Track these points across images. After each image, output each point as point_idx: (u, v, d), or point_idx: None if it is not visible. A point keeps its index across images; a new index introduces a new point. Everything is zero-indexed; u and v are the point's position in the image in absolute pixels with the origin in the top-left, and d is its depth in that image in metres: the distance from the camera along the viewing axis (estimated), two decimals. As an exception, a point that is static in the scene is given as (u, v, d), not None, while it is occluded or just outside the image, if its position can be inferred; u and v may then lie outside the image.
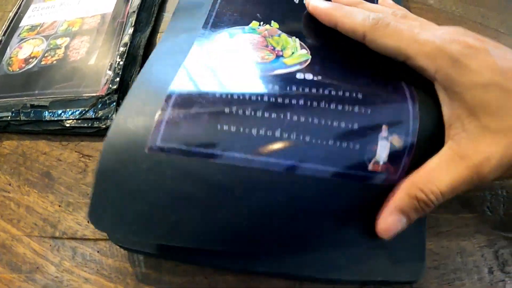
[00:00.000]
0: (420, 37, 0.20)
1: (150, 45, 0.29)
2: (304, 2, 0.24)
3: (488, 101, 0.18)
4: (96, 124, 0.25)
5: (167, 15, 0.32)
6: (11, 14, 0.33)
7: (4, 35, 0.32)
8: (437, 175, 0.19)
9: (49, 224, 0.23)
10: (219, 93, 0.19)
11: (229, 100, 0.18)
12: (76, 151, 0.25)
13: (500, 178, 0.21)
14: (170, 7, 0.32)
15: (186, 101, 0.18)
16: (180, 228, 0.18)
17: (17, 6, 0.34)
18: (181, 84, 0.19)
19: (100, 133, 0.25)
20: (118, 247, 0.21)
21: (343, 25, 0.23)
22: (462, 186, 0.19)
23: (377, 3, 0.26)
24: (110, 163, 0.18)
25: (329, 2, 0.24)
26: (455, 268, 0.22)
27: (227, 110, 0.18)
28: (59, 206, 0.24)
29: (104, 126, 0.25)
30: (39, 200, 0.24)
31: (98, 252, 0.22)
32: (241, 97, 0.18)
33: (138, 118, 0.18)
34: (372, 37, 0.21)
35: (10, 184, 0.25)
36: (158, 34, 0.30)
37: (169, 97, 0.18)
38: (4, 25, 0.33)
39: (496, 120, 0.18)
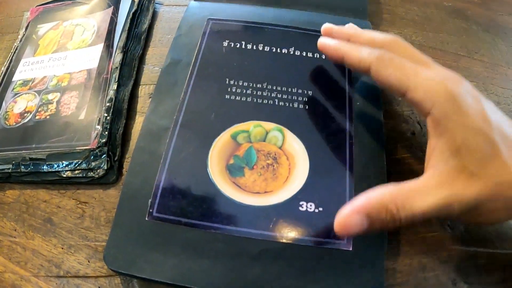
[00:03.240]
0: (422, 72, 0.21)
1: (133, 98, 0.33)
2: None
3: (475, 145, 0.19)
4: (90, 174, 0.29)
5: (146, 67, 0.35)
6: (3, 69, 0.37)
7: (-2, 89, 0.35)
8: (415, 197, 0.19)
9: (53, 265, 0.27)
10: None
11: None
12: (73, 199, 0.29)
13: (465, 220, 0.22)
14: (149, 59, 0.36)
15: None
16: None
17: (9, 60, 0.37)
18: None
19: (94, 182, 0.29)
20: (116, 282, 0.25)
21: (350, 58, 0.24)
22: (431, 215, 0.19)
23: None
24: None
25: (336, 40, 0.26)
26: (417, 283, 0.23)
27: None
28: (62, 248, 0.27)
29: (97, 176, 0.28)
30: (43, 243, 0.28)
31: (99, 287, 0.26)
32: None
33: None
34: (377, 68, 0.22)
35: (15, 230, 0.29)
36: (140, 86, 0.34)
37: None
38: (-3, 79, 0.36)
39: (476, 164, 0.19)
